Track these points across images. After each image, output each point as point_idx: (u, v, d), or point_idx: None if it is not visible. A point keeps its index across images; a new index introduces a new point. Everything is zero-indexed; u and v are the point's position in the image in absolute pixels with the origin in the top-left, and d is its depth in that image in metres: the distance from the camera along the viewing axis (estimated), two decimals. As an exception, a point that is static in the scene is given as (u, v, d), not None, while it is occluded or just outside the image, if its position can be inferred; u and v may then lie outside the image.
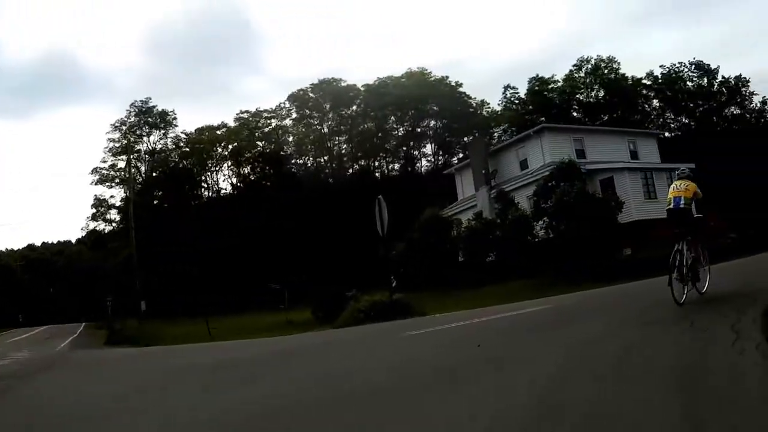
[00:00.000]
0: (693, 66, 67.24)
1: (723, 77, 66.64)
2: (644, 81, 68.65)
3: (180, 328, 33.27)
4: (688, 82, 67.41)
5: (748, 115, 66.61)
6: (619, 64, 68.99)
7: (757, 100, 66.67)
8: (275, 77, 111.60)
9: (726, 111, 66.87)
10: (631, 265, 27.00)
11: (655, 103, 69.25)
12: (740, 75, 66.66)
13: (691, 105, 66.69)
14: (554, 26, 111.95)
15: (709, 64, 66.87)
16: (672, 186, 10.13)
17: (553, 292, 23.07)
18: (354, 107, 74.14)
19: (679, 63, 67.77)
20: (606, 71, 69.01)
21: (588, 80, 69.59)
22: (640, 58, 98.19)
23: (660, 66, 68.70)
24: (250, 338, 22.83)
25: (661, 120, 67.50)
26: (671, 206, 9.81)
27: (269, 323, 31.81)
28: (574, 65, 70.13)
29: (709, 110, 65.98)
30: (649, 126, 63.38)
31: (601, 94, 68.84)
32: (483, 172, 44.84)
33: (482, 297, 26.22)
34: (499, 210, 39.87)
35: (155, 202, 68.44)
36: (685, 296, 9.27)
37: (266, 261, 54.61)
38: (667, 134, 62.86)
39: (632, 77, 68.59)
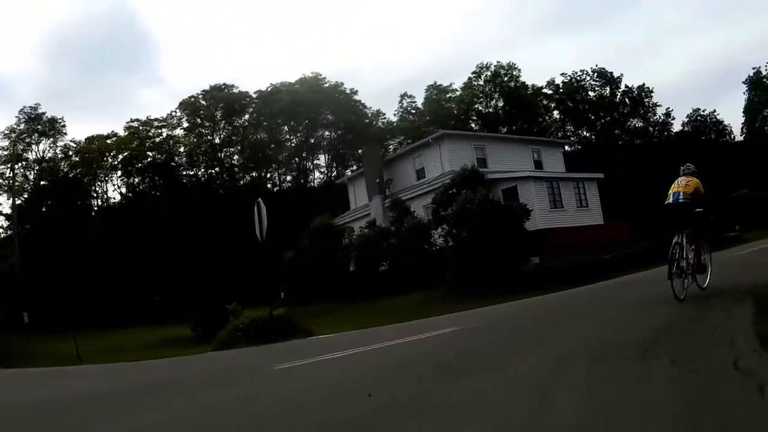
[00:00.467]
0: (596, 74, 66.90)
1: (626, 86, 66.78)
2: (545, 90, 67.96)
3: (54, 345, 30.32)
4: (590, 92, 67.10)
5: (651, 128, 67.16)
6: (519, 71, 67.89)
7: (660, 111, 67.48)
8: (171, 86, 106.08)
9: (629, 123, 67.08)
10: (539, 274, 25.96)
11: (556, 114, 68.73)
12: (644, 84, 67.15)
13: (593, 117, 66.39)
14: (456, 35, 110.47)
15: (611, 72, 66.92)
16: (675, 182, 10.03)
17: (457, 306, 21.50)
18: (246, 116, 71.21)
19: (581, 71, 67.40)
20: (506, 79, 67.71)
21: (487, 88, 68.13)
22: (543, 67, 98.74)
23: (561, 74, 68.03)
24: (117, 361, 20.46)
25: (561, 133, 66.67)
26: (670, 201, 9.78)
27: (150, 340, 29.94)
28: (473, 72, 68.66)
29: (611, 122, 65.95)
30: (550, 137, 62.23)
31: (501, 104, 67.50)
32: (377, 180, 41.94)
33: (378, 312, 24.86)
34: (393, 218, 36.75)
35: (43, 210, 64.23)
36: (685, 291, 9.14)
37: (154, 273, 52.15)
38: (567, 147, 61.86)
39: (533, 86, 67.72)
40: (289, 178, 73.45)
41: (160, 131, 70.10)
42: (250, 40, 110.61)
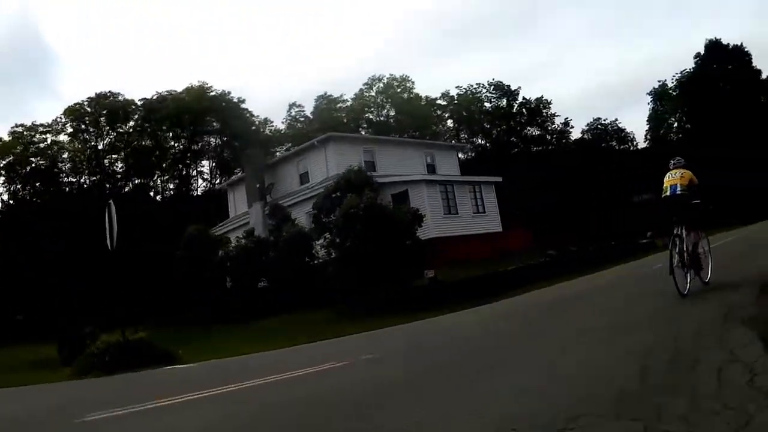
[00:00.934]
0: (492, 87, 66.63)
1: (524, 98, 66.71)
2: (439, 101, 66.75)
3: None
4: (486, 103, 66.65)
5: (549, 136, 67.05)
6: (413, 83, 66.66)
7: (559, 121, 67.63)
8: (61, 94, 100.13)
9: (526, 131, 66.72)
10: (434, 290, 22.86)
11: (450, 123, 67.59)
12: (542, 96, 67.37)
13: (488, 126, 65.70)
14: (352, 50, 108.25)
15: (509, 85, 66.71)
16: (667, 176, 10.13)
17: (343, 327, 19.64)
18: (131, 123, 67.82)
19: (477, 84, 66.86)
20: (399, 90, 66.04)
21: (379, 99, 66.32)
22: (441, 83, 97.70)
23: (456, 87, 67.27)
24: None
25: (454, 141, 64.59)
26: (668, 194, 9.81)
27: (13, 362, 25.94)
28: (365, 84, 66.81)
29: (507, 130, 65.48)
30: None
31: (393, 113, 65.72)
32: (257, 186, 37.91)
33: (255, 335, 22.71)
34: (273, 226, 32.77)
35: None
36: (688, 286, 8.99)
37: (28, 287, 47.50)
38: (461, 155, 60.37)
39: (426, 97, 66.37)
40: (172, 185, 70.10)
41: (45, 137, 66.68)
42: (143, 49, 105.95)
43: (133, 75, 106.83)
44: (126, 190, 67.20)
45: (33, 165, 64.96)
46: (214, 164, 69.87)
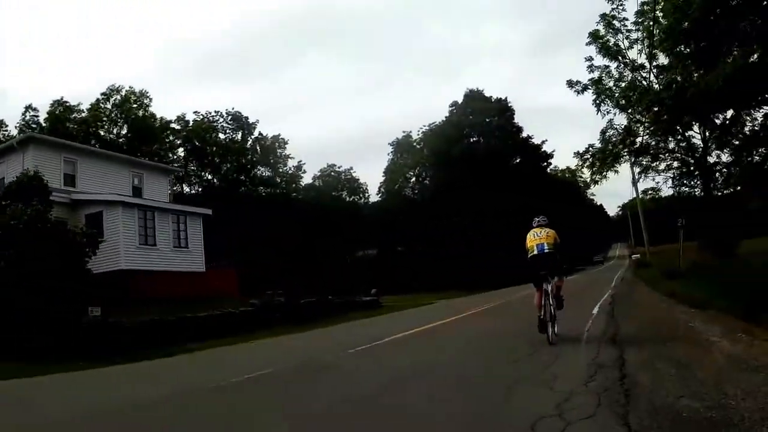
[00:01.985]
0: (230, 117, 64.38)
1: (260, 133, 65.36)
2: (173, 125, 62.78)
3: None
4: (221, 134, 64.29)
5: (279, 179, 65.81)
6: (150, 100, 61.91)
7: (292, 163, 67.16)
8: None
9: (257, 170, 65.08)
10: (100, 332, 18.03)
11: (181, 152, 63.59)
12: (278, 135, 66.10)
13: (218, 160, 62.74)
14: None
15: (247, 117, 64.93)
16: (531, 234, 10.64)
17: None
18: None
19: (215, 112, 64.28)
20: (135, 106, 60.85)
21: (114, 113, 60.61)
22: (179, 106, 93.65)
23: (195, 112, 64.05)
24: None
25: (184, 172, 60.86)
26: (536, 252, 10.36)
27: None
28: (102, 94, 60.60)
29: (238, 168, 63.05)
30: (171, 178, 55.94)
31: (124, 131, 60.41)
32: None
33: None
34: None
35: None
36: (551, 336, 9.92)
37: None
38: (187, 188, 57.71)
39: (161, 118, 61.97)
40: None
41: None
42: None
43: None
44: None
45: None
46: None
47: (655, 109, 31.09)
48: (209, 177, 63.10)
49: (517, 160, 69.59)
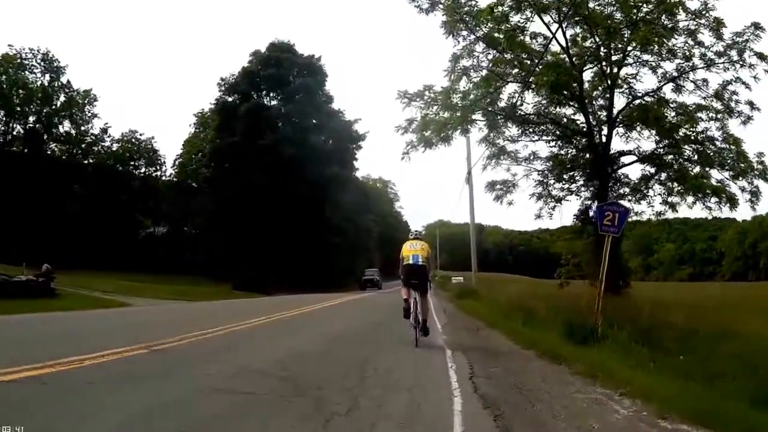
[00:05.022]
0: (41, 56, 56.55)
1: (69, 82, 58.38)
2: None
3: None
4: (28, 73, 56.34)
5: (81, 136, 60.46)
6: None
7: (98, 124, 63.50)
8: None
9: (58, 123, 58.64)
10: None
11: None
12: (91, 90, 59.64)
13: (18, 106, 55.76)
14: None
15: (59, 60, 57.43)
16: (408, 244, 11.56)
17: None
18: None
19: (30, 49, 56.28)
20: None
21: None
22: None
23: (9, 45, 59.94)
24: None
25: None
26: (411, 262, 11.27)
27: None
28: None
29: (41, 116, 57.22)
30: None
31: None
32: None
33: None
34: None
35: None
36: (417, 339, 11.03)
37: None
38: None
39: None
40: None
41: None
42: None
43: None
44: None
45: None
46: None
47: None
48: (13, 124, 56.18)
49: (322, 138, 63.20)
